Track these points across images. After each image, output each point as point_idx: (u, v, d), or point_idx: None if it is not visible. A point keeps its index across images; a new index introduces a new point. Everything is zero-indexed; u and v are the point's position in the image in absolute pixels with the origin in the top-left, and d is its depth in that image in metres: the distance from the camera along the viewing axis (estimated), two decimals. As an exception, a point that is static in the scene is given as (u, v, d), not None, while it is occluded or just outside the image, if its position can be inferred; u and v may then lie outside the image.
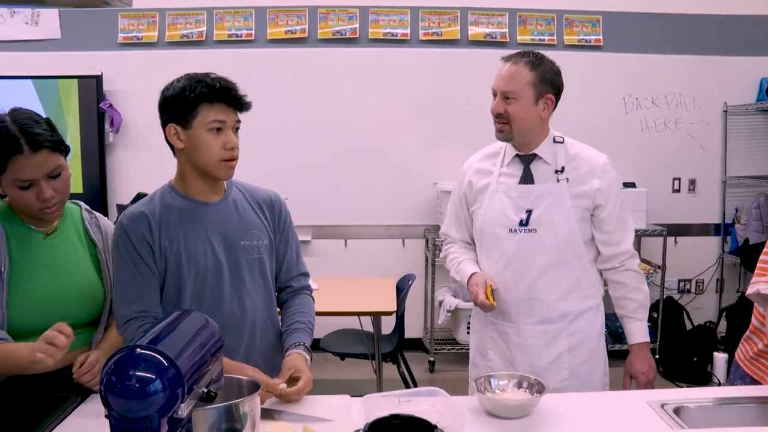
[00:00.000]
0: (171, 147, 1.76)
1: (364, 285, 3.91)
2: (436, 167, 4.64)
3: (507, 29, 4.65)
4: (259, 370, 1.69)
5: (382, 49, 4.63)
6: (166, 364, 1.10)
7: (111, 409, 1.07)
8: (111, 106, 4.54)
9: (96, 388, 1.72)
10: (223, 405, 1.31)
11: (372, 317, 3.48)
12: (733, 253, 4.75)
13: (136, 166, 4.60)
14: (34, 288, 1.73)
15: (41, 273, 1.75)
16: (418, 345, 4.79)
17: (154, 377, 1.08)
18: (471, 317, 2.30)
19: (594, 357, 2.10)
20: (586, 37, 4.68)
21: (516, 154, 2.08)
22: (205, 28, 4.59)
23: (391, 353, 3.63)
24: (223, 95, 1.68)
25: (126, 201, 4.42)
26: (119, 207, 4.24)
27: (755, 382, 1.86)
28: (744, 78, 4.73)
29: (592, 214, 2.06)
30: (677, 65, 4.71)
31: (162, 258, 1.72)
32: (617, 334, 4.37)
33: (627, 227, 2.10)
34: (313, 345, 1.89)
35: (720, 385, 3.99)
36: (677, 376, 4.31)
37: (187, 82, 1.68)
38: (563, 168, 2.04)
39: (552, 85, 2.01)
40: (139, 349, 1.11)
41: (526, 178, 2.06)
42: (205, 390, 1.24)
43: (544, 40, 4.65)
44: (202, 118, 1.67)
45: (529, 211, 2.03)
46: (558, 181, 2.03)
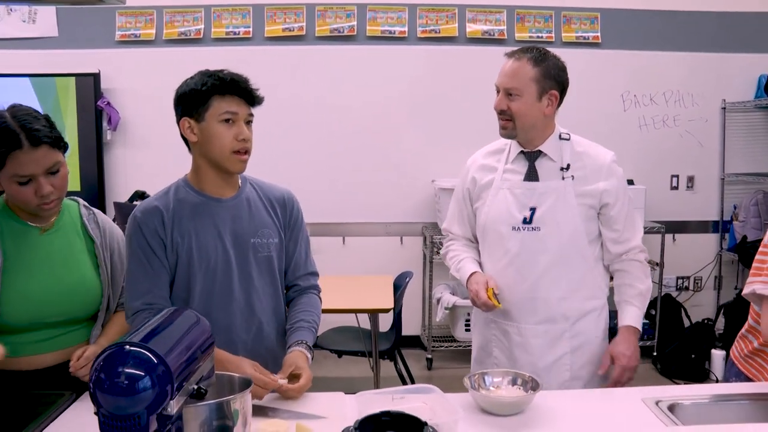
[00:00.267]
0: (186, 143, 1.79)
1: (362, 282, 3.91)
2: (434, 164, 4.63)
3: (505, 26, 4.64)
4: (264, 366, 1.70)
5: (379, 47, 4.62)
6: (155, 361, 1.09)
7: (100, 406, 1.07)
8: (108, 103, 4.54)
9: (92, 383, 1.72)
10: (213, 402, 1.30)
11: (369, 314, 3.48)
12: (731, 250, 4.75)
13: (134, 164, 4.60)
14: (29, 284, 1.73)
15: (37, 269, 1.75)
16: (415, 342, 4.79)
17: (143, 374, 1.08)
18: (472, 315, 2.27)
19: (596, 359, 2.03)
20: (584, 34, 4.67)
21: (521, 151, 2.04)
22: (202, 26, 4.58)
23: (389, 350, 3.63)
24: (235, 88, 1.72)
25: (123, 199, 4.42)
26: (117, 205, 4.23)
27: (750, 380, 1.85)
28: (742, 75, 4.72)
29: (599, 213, 2.03)
30: (675, 62, 4.70)
31: (174, 252, 1.75)
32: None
33: (636, 224, 2.07)
34: (312, 343, 1.90)
35: (718, 382, 3.98)
36: (675, 374, 4.30)
37: (200, 77, 1.73)
38: (569, 165, 2.00)
39: (556, 81, 1.96)
40: (129, 346, 1.11)
41: (531, 175, 2.02)
42: (196, 387, 1.24)
43: (542, 37, 4.64)
44: (214, 110, 1.71)
45: (533, 209, 1.99)
46: (563, 178, 2.00)
